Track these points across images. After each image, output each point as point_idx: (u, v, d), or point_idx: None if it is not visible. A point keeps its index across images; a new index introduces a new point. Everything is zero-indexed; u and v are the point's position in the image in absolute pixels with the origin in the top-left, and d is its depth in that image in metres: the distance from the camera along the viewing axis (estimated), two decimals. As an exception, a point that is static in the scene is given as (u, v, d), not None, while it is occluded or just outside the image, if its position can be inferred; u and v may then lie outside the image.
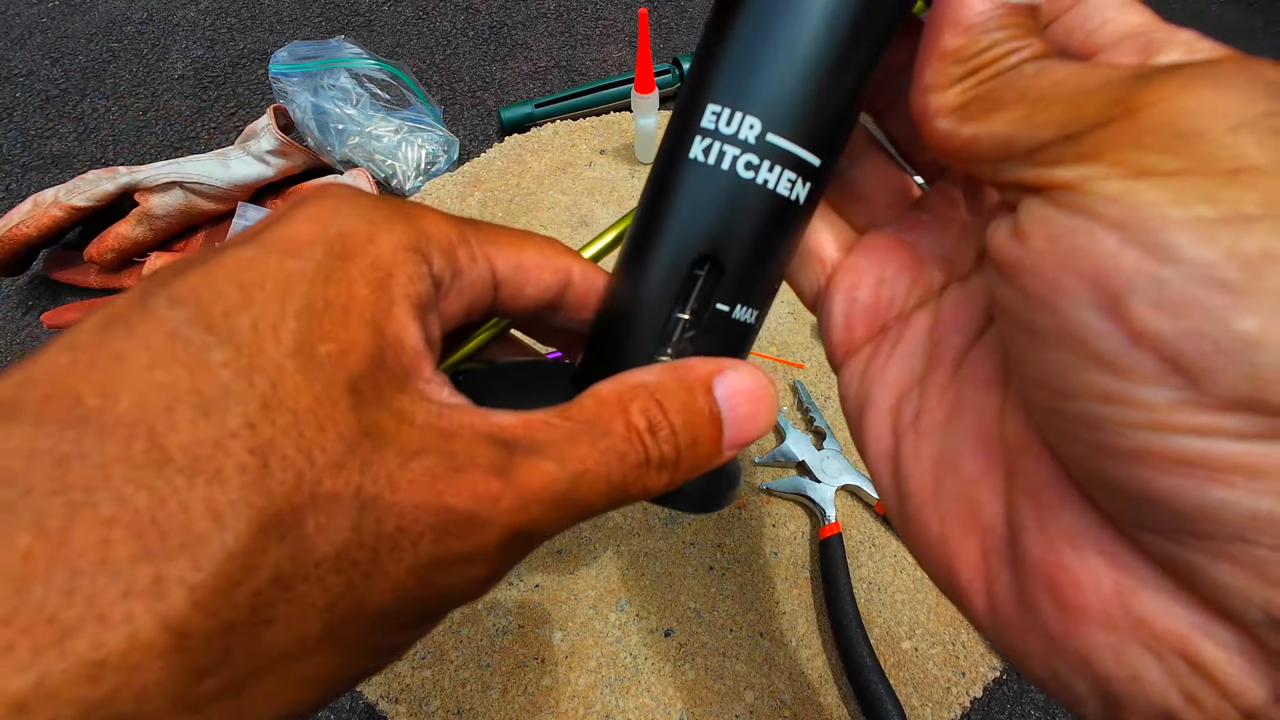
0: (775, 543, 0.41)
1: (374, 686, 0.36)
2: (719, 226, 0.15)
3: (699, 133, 0.15)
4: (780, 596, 0.39)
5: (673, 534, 0.41)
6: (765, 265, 0.15)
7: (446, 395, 0.13)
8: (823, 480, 0.42)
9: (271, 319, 0.11)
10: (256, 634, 0.10)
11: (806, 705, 0.36)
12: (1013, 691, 0.39)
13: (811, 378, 0.48)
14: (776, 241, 0.15)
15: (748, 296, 0.15)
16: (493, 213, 0.57)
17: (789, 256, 0.16)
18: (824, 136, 0.15)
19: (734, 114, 0.14)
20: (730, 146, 0.14)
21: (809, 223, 0.16)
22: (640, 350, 0.15)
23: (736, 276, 0.15)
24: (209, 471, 0.10)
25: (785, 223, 0.15)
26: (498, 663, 0.37)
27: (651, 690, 0.37)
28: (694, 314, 0.15)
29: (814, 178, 0.15)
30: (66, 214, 0.52)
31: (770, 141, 0.14)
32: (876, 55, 0.15)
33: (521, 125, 0.66)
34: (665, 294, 0.15)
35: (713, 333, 0.15)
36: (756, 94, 0.14)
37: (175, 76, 0.73)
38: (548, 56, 0.75)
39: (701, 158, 0.14)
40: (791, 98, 0.14)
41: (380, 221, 0.13)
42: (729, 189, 0.14)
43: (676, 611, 0.39)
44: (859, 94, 0.15)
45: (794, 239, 0.16)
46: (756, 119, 0.14)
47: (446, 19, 0.79)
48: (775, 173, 0.14)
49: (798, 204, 0.15)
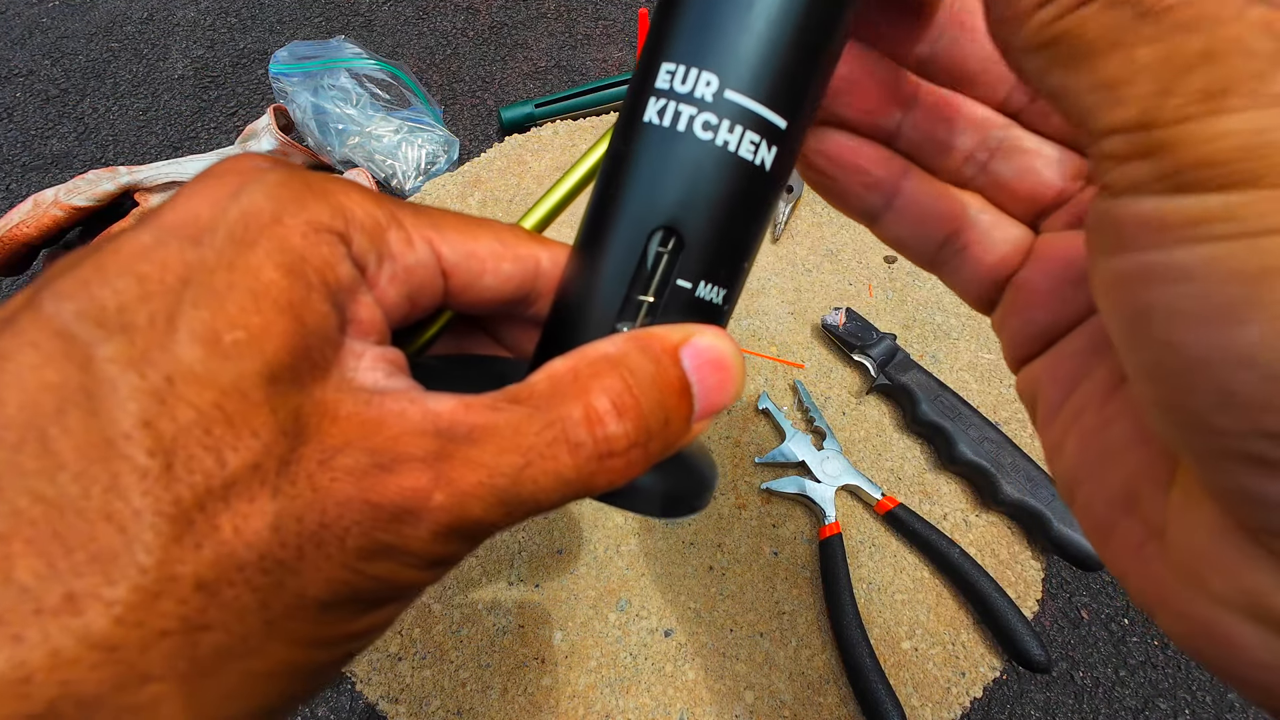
0: (775, 543, 0.41)
1: (374, 686, 0.36)
2: (677, 194, 0.14)
3: (653, 94, 0.14)
4: (780, 596, 0.39)
5: (673, 534, 0.41)
6: (730, 237, 0.14)
7: (381, 379, 0.12)
8: (823, 480, 0.42)
9: (168, 310, 0.10)
10: (194, 639, 0.10)
11: (806, 705, 0.36)
12: (1013, 691, 0.39)
13: (811, 378, 0.48)
14: (741, 211, 0.14)
15: (712, 273, 0.14)
16: (493, 212, 0.57)
17: (758, 229, 0.15)
18: (789, 94, 0.13)
19: (689, 70, 0.13)
20: (686, 106, 0.13)
21: (778, 194, 0.15)
22: (597, 330, 0.14)
23: (698, 250, 0.14)
24: (104, 478, 0.09)
25: (750, 190, 0.14)
26: (498, 663, 0.37)
27: (651, 690, 0.37)
28: (655, 293, 0.14)
29: (780, 141, 0.14)
30: (67, 214, 0.52)
31: (729, 99, 0.13)
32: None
33: (522, 125, 0.66)
34: (622, 270, 0.14)
35: (674, 312, 0.14)
36: (712, 48, 0.13)
37: (175, 76, 0.73)
38: (548, 56, 0.75)
39: (656, 120, 0.14)
40: (749, 51, 0.13)
41: (288, 200, 0.12)
42: (686, 152, 0.13)
43: (676, 611, 0.39)
44: (825, 46, 0.14)
45: (762, 209, 0.15)
46: (713, 74, 0.13)
47: (447, 19, 0.79)
48: (736, 134, 0.13)
49: (764, 169, 0.14)
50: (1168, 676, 0.40)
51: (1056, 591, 0.43)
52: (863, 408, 0.47)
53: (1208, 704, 0.39)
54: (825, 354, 0.49)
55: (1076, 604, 0.42)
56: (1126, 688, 0.40)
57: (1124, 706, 0.39)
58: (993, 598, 0.37)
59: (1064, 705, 0.39)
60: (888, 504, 0.41)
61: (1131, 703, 0.39)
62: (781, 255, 0.54)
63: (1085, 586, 0.43)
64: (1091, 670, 0.40)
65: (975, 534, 0.41)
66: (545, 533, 0.41)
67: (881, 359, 0.46)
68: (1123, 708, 0.39)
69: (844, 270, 0.54)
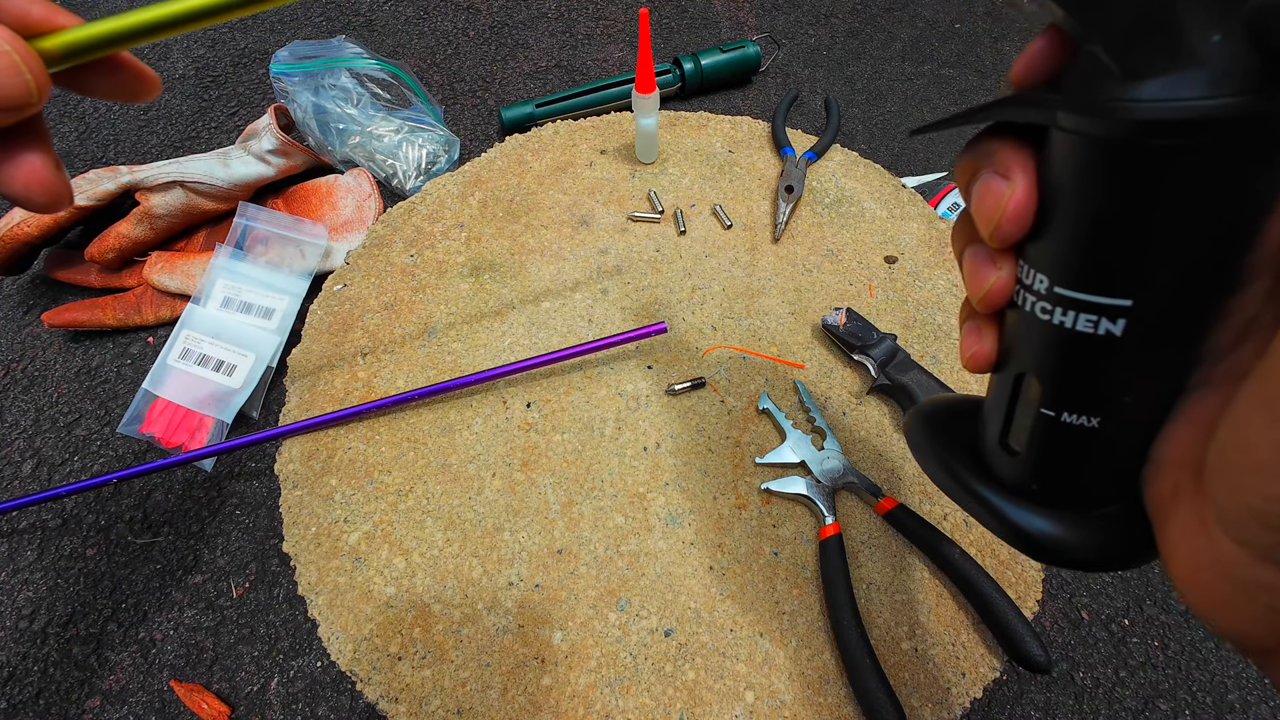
0: (775, 543, 0.41)
1: (374, 686, 0.36)
2: (1028, 354, 0.19)
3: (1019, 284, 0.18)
4: (780, 596, 0.39)
5: (673, 534, 0.41)
6: (1078, 378, 0.18)
7: None
8: (823, 480, 0.42)
9: None
10: None
11: (806, 705, 0.36)
12: (1013, 692, 0.39)
13: (812, 378, 0.48)
14: (1086, 364, 0.17)
15: (1069, 404, 0.18)
16: (493, 212, 0.57)
17: (1125, 372, 0.17)
18: (1118, 283, 0.16)
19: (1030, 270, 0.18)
20: (1029, 295, 0.18)
21: (1159, 348, 0.17)
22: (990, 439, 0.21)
23: (1048, 386, 0.18)
24: None
25: (1099, 351, 0.17)
26: (498, 663, 0.37)
27: (651, 690, 0.37)
28: (1024, 415, 0.19)
29: (1129, 315, 0.16)
30: (67, 213, 0.52)
31: (1057, 291, 0.17)
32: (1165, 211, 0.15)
33: (522, 125, 0.66)
34: (999, 405, 0.20)
35: (1035, 434, 0.19)
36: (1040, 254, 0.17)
37: (176, 76, 0.73)
38: (548, 56, 0.75)
39: (1019, 302, 0.18)
40: (1067, 256, 0.17)
41: None
42: (1035, 327, 0.18)
43: (676, 611, 0.39)
44: (1152, 245, 0.15)
45: (1123, 361, 0.17)
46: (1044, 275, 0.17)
47: (447, 19, 0.79)
48: (1070, 315, 0.17)
49: (1111, 338, 0.17)
50: (1168, 677, 0.40)
51: (1056, 592, 0.43)
52: (863, 408, 0.47)
53: (1208, 704, 0.39)
54: (826, 354, 0.49)
55: (1076, 604, 0.42)
56: (1127, 688, 0.40)
57: (1124, 707, 0.39)
58: (993, 598, 0.37)
59: (1064, 706, 0.39)
60: (888, 504, 0.41)
61: (1132, 703, 0.39)
62: (782, 255, 0.54)
63: (1085, 587, 0.43)
64: (1092, 671, 0.40)
65: (975, 534, 0.41)
66: (545, 533, 0.41)
67: (882, 359, 0.46)
68: (1123, 708, 0.39)
69: (844, 270, 0.54)
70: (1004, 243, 0.18)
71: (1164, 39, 0.13)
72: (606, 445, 0.45)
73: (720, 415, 0.46)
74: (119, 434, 0.49)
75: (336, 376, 0.48)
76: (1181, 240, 0.15)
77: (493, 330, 0.50)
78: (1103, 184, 0.15)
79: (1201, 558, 0.15)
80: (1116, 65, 0.14)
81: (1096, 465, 0.19)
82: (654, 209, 0.57)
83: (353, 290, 0.52)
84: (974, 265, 0.19)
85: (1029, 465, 0.20)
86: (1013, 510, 0.20)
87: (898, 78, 0.73)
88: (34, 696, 0.39)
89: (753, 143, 0.62)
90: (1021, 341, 0.19)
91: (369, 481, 0.43)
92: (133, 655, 0.40)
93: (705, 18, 0.80)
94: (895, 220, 0.57)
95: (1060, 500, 0.20)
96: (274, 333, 0.51)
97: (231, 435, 0.49)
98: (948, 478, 0.22)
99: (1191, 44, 0.13)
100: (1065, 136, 0.15)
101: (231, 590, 0.43)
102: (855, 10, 0.81)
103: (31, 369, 0.52)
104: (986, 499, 0.21)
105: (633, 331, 0.46)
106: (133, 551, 0.44)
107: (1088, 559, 0.19)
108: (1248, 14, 0.12)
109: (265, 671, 0.40)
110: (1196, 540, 0.15)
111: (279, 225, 0.54)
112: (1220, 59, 0.13)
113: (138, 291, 0.54)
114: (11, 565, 0.43)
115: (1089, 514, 0.19)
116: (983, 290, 0.19)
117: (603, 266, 0.54)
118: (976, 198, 0.18)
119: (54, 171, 0.20)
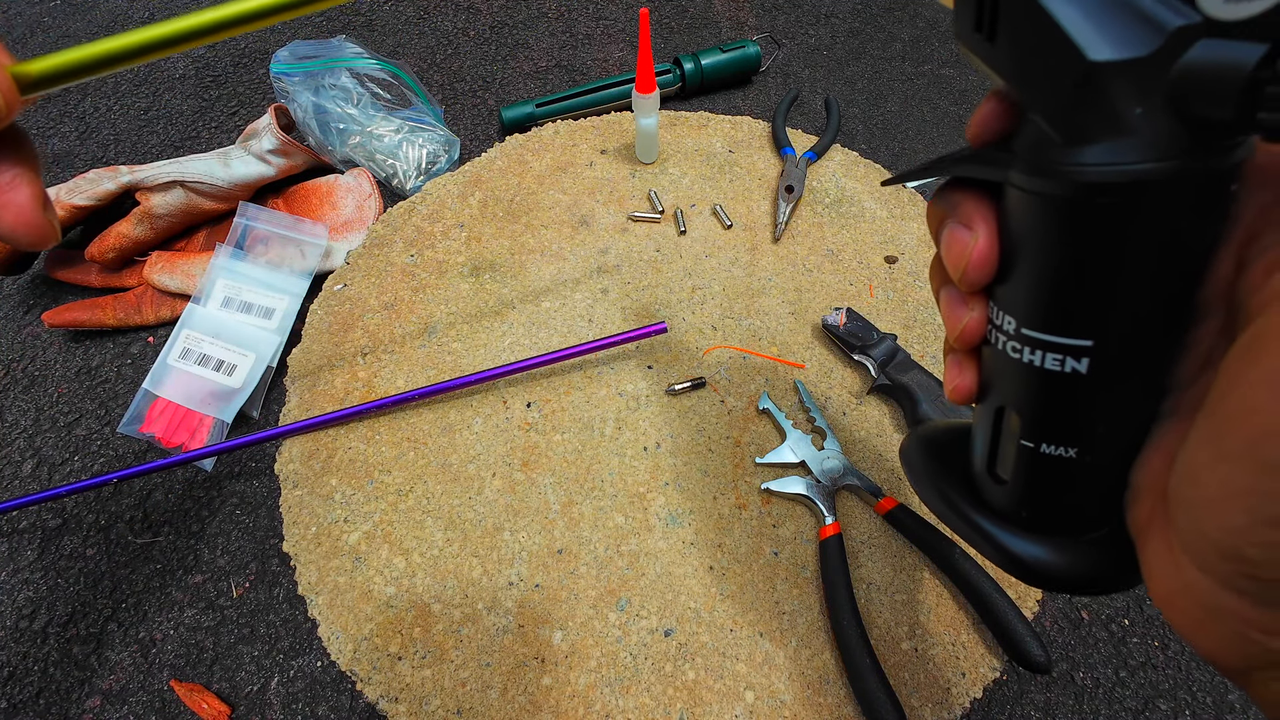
0: (775, 543, 0.41)
1: (374, 686, 0.36)
2: (1005, 388, 0.20)
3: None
4: (780, 596, 0.39)
5: (673, 534, 0.41)
6: (1051, 412, 0.19)
7: None
8: (823, 480, 0.42)
9: None
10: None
11: (806, 705, 0.36)
12: (1013, 692, 0.39)
13: (812, 378, 0.48)
14: (1057, 399, 0.18)
15: (1045, 435, 0.19)
16: (493, 211, 0.57)
17: (1095, 406, 0.18)
18: (1078, 325, 0.17)
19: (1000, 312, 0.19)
20: (1000, 335, 0.19)
21: (1125, 382, 0.18)
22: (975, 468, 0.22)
23: (1024, 420, 0.19)
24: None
25: (1068, 387, 0.18)
26: (498, 662, 0.37)
27: (651, 690, 0.37)
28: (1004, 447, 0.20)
29: (1091, 354, 0.17)
30: (68, 213, 0.52)
31: (1024, 332, 0.18)
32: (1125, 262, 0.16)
33: (522, 125, 0.66)
34: (983, 435, 0.21)
35: (1018, 465, 0.20)
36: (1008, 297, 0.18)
37: (176, 76, 0.73)
38: (548, 56, 0.75)
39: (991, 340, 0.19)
40: (1029, 300, 0.17)
41: None
42: (1008, 365, 0.19)
43: (676, 611, 0.39)
44: (1111, 291, 0.16)
45: (1091, 396, 0.18)
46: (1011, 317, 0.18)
47: (447, 19, 0.79)
48: (1038, 354, 0.18)
49: (1078, 374, 0.17)
50: (1168, 677, 0.40)
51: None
52: (863, 408, 0.47)
53: (1208, 705, 0.39)
54: (826, 354, 0.49)
55: (1076, 604, 0.42)
56: (1127, 688, 0.40)
57: (1124, 707, 0.39)
58: (993, 598, 0.37)
59: (1064, 706, 0.39)
60: (888, 504, 0.41)
61: (1132, 703, 0.39)
62: (782, 255, 0.54)
63: (1085, 587, 0.43)
64: (1092, 671, 0.40)
65: (975, 534, 0.41)
66: (545, 533, 0.41)
67: (882, 359, 0.46)
68: (1123, 708, 0.39)
69: (844, 270, 0.54)
70: (972, 287, 0.19)
71: (1095, 112, 0.14)
72: (606, 445, 0.45)
73: (720, 415, 0.46)
74: (119, 434, 0.49)
75: (336, 376, 0.48)
76: (1133, 284, 0.16)
77: (493, 330, 0.50)
78: (1055, 235, 0.16)
79: (1174, 583, 0.16)
80: (1056, 133, 0.15)
81: (1079, 492, 0.19)
82: (654, 209, 0.57)
83: (353, 290, 0.52)
84: (949, 305, 0.20)
85: (1016, 493, 0.21)
86: (1005, 537, 0.21)
87: (898, 78, 0.73)
88: (34, 696, 0.39)
89: (753, 143, 0.62)
90: (998, 377, 0.20)
91: (369, 481, 0.43)
92: (133, 655, 0.40)
93: (705, 18, 0.80)
94: (895, 220, 0.57)
95: (1049, 526, 0.20)
96: (274, 333, 0.51)
97: (231, 435, 0.49)
98: (943, 505, 0.23)
99: (1119, 116, 0.14)
100: (1019, 193, 0.17)
101: (231, 590, 0.43)
102: (855, 10, 0.81)
103: (32, 369, 0.52)
104: (980, 526, 0.22)
105: (633, 331, 0.46)
106: (133, 551, 0.44)
107: (1077, 584, 0.20)
108: (1165, 88, 0.14)
109: (265, 671, 0.40)
110: (1169, 566, 0.16)
111: (279, 225, 0.54)
112: (1146, 128, 0.14)
113: (138, 291, 0.54)
114: (11, 565, 0.43)
115: (1078, 539, 0.20)
116: (957, 329, 0.20)
117: (603, 266, 0.54)
118: (944, 245, 0.19)
119: (39, 210, 0.20)
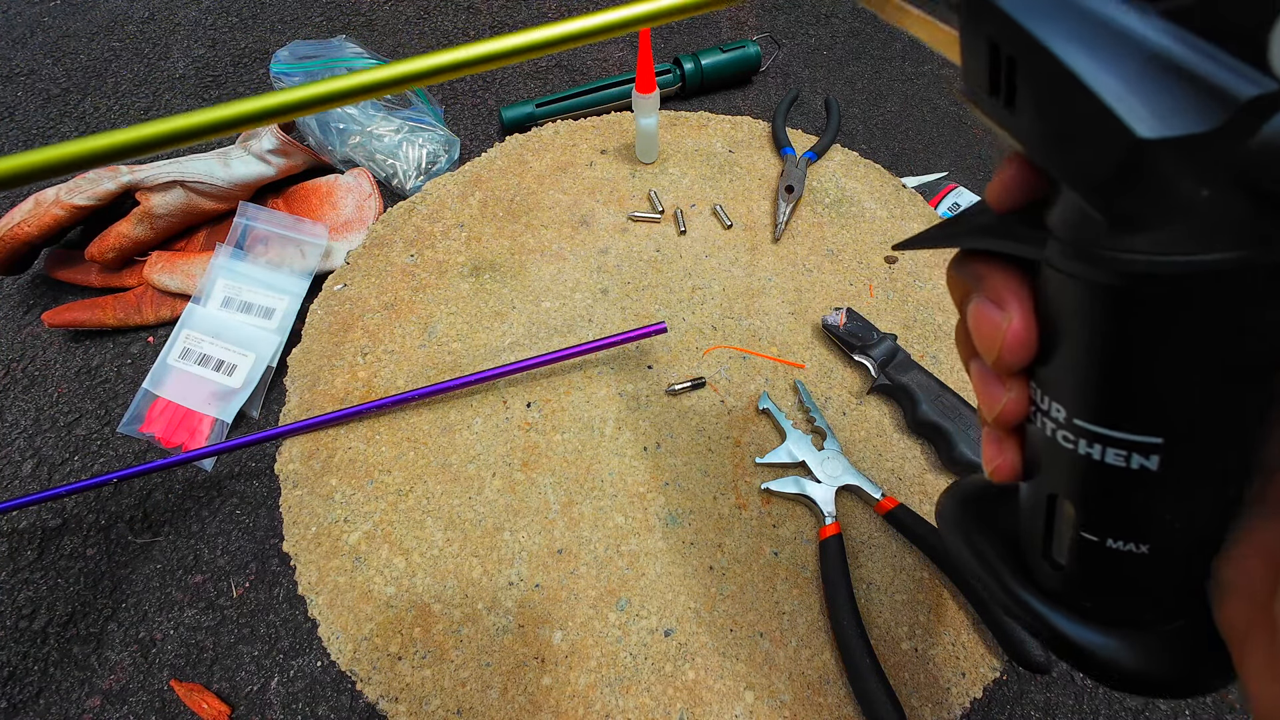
0: (775, 543, 0.41)
1: (374, 686, 0.36)
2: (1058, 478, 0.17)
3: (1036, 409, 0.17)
4: (780, 596, 0.39)
5: (673, 534, 0.41)
6: (1116, 508, 0.17)
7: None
8: (823, 480, 0.42)
9: None
10: None
11: (806, 705, 0.36)
12: (1013, 692, 0.39)
13: (812, 378, 0.48)
14: (1124, 496, 0.16)
15: (1111, 530, 0.17)
16: (493, 211, 0.57)
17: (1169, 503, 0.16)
18: (1142, 420, 0.15)
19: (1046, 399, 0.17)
20: (1048, 421, 0.17)
21: (1204, 475, 0.16)
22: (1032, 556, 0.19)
23: (1084, 513, 0.17)
24: None
25: (1136, 484, 0.16)
26: (498, 662, 0.37)
27: (651, 690, 0.37)
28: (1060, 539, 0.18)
29: (1161, 451, 0.15)
30: (68, 213, 0.52)
31: (1076, 423, 0.16)
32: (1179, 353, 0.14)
33: (522, 125, 0.66)
34: (1035, 518, 0.19)
35: (1079, 556, 0.18)
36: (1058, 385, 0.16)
37: (176, 76, 0.73)
38: (548, 56, 0.75)
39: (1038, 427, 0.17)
40: (1080, 390, 0.15)
41: None
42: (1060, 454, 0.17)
43: (676, 611, 0.39)
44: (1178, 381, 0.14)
45: (1164, 493, 0.16)
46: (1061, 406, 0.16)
47: (448, 19, 0.79)
48: (1096, 448, 0.16)
49: (1147, 471, 0.15)
50: (1168, 677, 0.40)
51: (1057, 592, 0.43)
52: (863, 408, 0.47)
53: (1208, 704, 0.39)
54: (826, 354, 0.49)
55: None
56: (1127, 688, 0.40)
57: (1124, 707, 0.39)
58: (993, 598, 0.37)
59: (1064, 706, 0.39)
60: (888, 504, 0.41)
61: (1132, 703, 0.39)
62: (782, 255, 0.54)
63: (1085, 587, 0.43)
64: (1092, 671, 0.40)
65: (975, 534, 0.41)
66: (545, 533, 0.41)
67: (882, 359, 0.46)
68: (1123, 708, 0.39)
69: (845, 270, 0.54)
70: (1008, 370, 0.17)
71: (1146, 195, 0.12)
72: (606, 445, 0.45)
73: (720, 415, 0.46)
74: (119, 434, 0.49)
75: (336, 376, 0.48)
76: (1206, 375, 0.14)
77: (493, 330, 0.50)
78: (1107, 326, 0.14)
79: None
80: (1100, 215, 0.13)
81: (1152, 587, 0.17)
82: (654, 209, 0.57)
83: (353, 290, 0.52)
84: (983, 382, 0.18)
85: (1077, 581, 0.18)
86: (1068, 626, 0.18)
87: (898, 78, 0.73)
88: (34, 696, 0.39)
89: (753, 143, 0.62)
90: (1048, 464, 0.17)
91: (369, 481, 0.43)
92: (133, 655, 0.40)
93: (705, 18, 0.80)
94: (895, 220, 0.57)
95: (1116, 618, 0.18)
96: (274, 332, 0.51)
97: (231, 435, 0.49)
98: (995, 585, 0.20)
99: (1176, 198, 0.12)
100: (1058, 274, 0.15)
101: (231, 590, 0.43)
102: (855, 10, 0.81)
103: (32, 369, 0.52)
104: (1039, 613, 0.19)
105: (633, 331, 0.46)
106: (133, 551, 0.44)
107: (1154, 685, 0.18)
108: (1234, 166, 0.11)
109: (265, 671, 0.40)
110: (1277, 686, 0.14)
111: (279, 225, 0.54)
112: (1210, 212, 0.12)
113: (138, 291, 0.54)
114: (11, 565, 0.43)
115: (1148, 631, 0.18)
116: (994, 411, 0.17)
117: (603, 266, 0.54)
118: (973, 323, 0.17)
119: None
